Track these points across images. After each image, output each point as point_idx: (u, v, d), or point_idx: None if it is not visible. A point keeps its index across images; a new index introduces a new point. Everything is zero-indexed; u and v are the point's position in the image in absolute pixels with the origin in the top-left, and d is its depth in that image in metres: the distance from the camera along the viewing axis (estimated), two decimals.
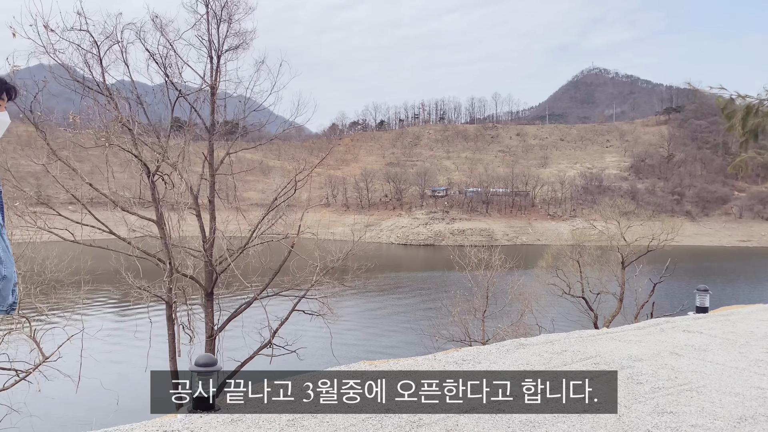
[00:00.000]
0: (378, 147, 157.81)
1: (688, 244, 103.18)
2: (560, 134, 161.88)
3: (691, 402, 4.26)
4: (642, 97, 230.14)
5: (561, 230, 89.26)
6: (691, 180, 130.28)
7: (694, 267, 73.31)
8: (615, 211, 39.61)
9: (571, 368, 5.08)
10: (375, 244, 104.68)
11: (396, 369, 5.04)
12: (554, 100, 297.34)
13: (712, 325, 7.01)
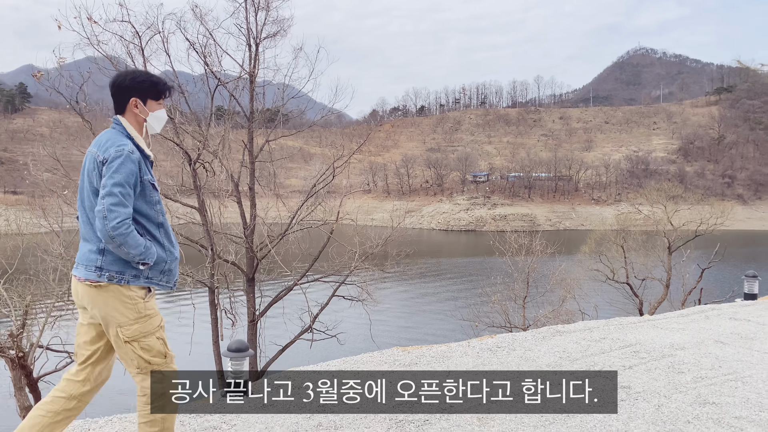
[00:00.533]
0: (418, 133, 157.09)
1: (739, 228, 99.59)
2: (605, 117, 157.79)
3: (735, 392, 4.11)
4: (691, 78, 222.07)
5: (605, 215, 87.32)
6: (742, 162, 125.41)
7: (746, 252, 70.78)
8: (661, 194, 38.47)
9: (609, 356, 4.97)
10: (416, 230, 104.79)
11: (428, 355, 5.02)
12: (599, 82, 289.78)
13: (760, 312, 6.74)
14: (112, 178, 2.70)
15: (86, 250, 2.83)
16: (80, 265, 2.84)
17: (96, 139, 2.91)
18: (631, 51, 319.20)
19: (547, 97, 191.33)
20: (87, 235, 2.86)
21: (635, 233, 34.55)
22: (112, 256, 2.77)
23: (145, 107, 2.96)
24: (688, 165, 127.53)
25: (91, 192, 2.83)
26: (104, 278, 2.76)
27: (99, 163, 2.78)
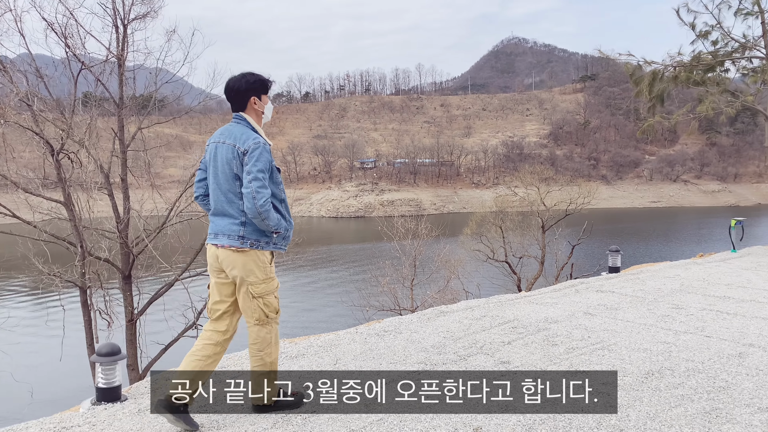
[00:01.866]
0: (304, 119, 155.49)
1: (604, 206, 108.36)
2: (482, 104, 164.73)
3: (602, 360, 4.41)
4: (559, 66, 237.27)
5: (485, 198, 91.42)
6: (605, 145, 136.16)
7: (610, 228, 77.18)
8: (535, 177, 40.84)
9: (490, 333, 5.15)
10: (305, 218, 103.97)
11: (316, 344, 4.95)
12: (476, 70, 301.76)
13: (623, 284, 7.31)
14: (255, 165, 3.32)
15: (227, 223, 3.43)
16: (221, 235, 3.43)
17: (226, 133, 3.50)
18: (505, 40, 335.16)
19: (428, 84, 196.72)
20: (226, 211, 3.44)
21: (512, 214, 36.47)
22: (252, 227, 3.39)
23: (261, 102, 3.65)
24: (558, 149, 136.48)
25: (230, 177, 3.40)
26: (246, 245, 3.38)
27: (240, 153, 3.37)
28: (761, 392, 3.70)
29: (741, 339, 4.88)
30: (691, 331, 5.13)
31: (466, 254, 34.83)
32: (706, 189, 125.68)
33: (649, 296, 6.58)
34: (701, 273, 8.01)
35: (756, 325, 5.32)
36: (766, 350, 4.57)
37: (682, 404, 3.55)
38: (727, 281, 7.40)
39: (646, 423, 3.30)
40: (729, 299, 6.38)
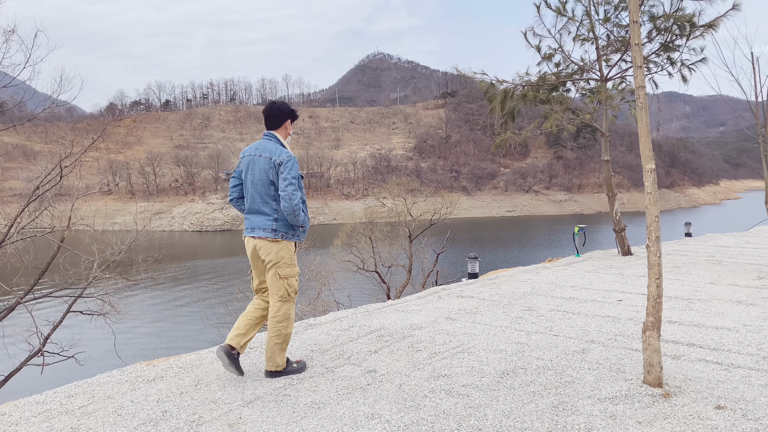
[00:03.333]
0: (165, 129, 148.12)
1: (466, 216, 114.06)
2: (350, 117, 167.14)
3: (462, 363, 4.60)
4: (422, 82, 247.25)
5: (355, 209, 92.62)
6: (465, 158, 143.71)
7: (471, 236, 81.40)
8: (402, 188, 42.01)
9: (357, 343, 5.19)
10: (166, 233, 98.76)
11: (176, 366, 4.69)
12: (344, 83, 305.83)
13: (481, 289, 7.72)
14: (290, 173, 4.21)
15: (262, 219, 4.33)
16: (258, 229, 4.33)
17: (261, 148, 4.38)
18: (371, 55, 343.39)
19: (296, 96, 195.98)
20: (261, 210, 4.33)
21: (381, 225, 37.23)
22: (283, 223, 4.31)
23: (291, 126, 4.57)
24: (423, 161, 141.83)
25: (267, 183, 4.29)
26: (279, 236, 4.30)
27: (276, 164, 4.26)
28: (600, 384, 4.06)
29: (584, 336, 5.33)
30: (542, 331, 5.52)
31: (337, 265, 34.96)
32: (555, 199, 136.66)
33: (504, 300, 7.00)
34: (550, 276, 8.67)
35: (596, 323, 5.84)
36: (605, 345, 5.02)
37: (534, 400, 3.80)
38: (572, 283, 8.07)
39: (501, 421, 3.49)
40: (574, 300, 6.96)
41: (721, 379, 4.10)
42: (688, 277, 8.46)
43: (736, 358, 4.57)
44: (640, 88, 3.95)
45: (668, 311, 6.20)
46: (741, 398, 3.74)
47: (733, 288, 7.53)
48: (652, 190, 4.00)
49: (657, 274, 3.97)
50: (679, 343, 5.05)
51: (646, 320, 4.00)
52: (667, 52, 9.41)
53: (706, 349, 4.85)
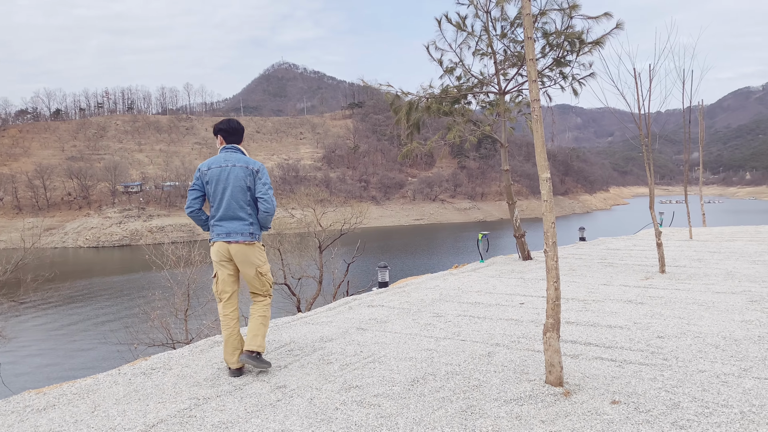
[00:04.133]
0: (55, 139, 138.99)
1: (375, 225, 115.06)
2: (256, 126, 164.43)
3: (373, 373, 4.61)
4: (329, 93, 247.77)
5: None
6: (374, 168, 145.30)
7: (382, 245, 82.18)
8: (311, 199, 41.75)
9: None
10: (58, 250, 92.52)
11: (70, 392, 4.38)
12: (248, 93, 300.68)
13: (391, 297, 7.79)
14: (267, 179, 4.71)
15: (239, 224, 4.64)
16: (235, 234, 4.63)
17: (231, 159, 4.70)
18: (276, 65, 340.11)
19: (198, 105, 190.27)
20: (238, 216, 4.64)
21: (290, 236, 36.76)
22: (257, 226, 4.72)
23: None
24: (331, 171, 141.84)
25: (244, 189, 4.64)
26: (255, 239, 4.69)
27: (254, 171, 4.68)
28: (506, 386, 4.20)
29: (489, 340, 5.50)
30: (450, 337, 5.64)
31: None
32: (460, 207, 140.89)
33: (414, 307, 7.10)
34: (456, 282, 8.90)
35: (501, 326, 6.04)
36: (509, 348, 5.20)
37: (443, 406, 3.86)
38: (477, 288, 8.32)
39: (413, 429, 3.52)
40: (479, 305, 7.17)
41: (616, 375, 4.36)
42: (583, 279, 8.96)
43: (628, 355, 4.88)
44: (535, 101, 4.15)
45: (566, 312, 6.52)
46: (633, 392, 3.98)
47: (623, 288, 8.05)
48: (548, 198, 4.20)
49: (555, 277, 4.17)
50: (577, 342, 5.32)
51: (546, 322, 4.18)
52: (560, 67, 9.99)
53: (602, 347, 5.15)
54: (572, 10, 9.07)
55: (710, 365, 4.52)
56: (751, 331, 5.48)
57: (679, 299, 7.14)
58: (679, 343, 5.18)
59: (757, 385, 4.04)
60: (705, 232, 16.89)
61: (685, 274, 9.11)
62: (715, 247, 12.87)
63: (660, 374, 4.34)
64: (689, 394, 3.90)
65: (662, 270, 9.31)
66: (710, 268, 9.66)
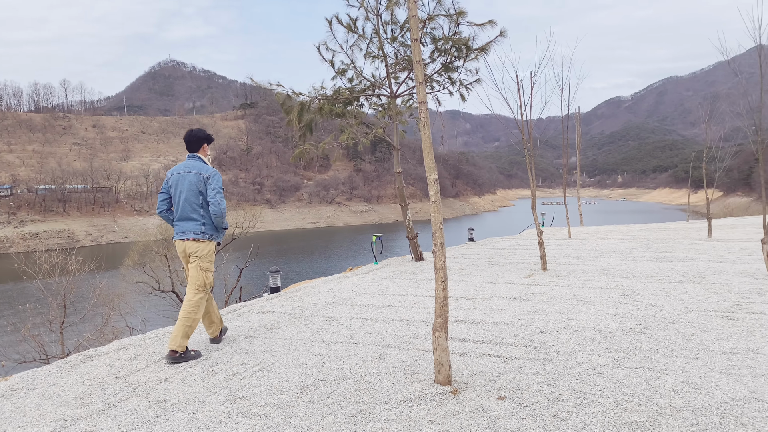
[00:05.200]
0: None
1: (270, 229, 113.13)
2: (141, 126, 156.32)
3: (261, 382, 4.43)
4: (219, 92, 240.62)
5: (150, 225, 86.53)
6: (268, 171, 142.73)
7: (277, 249, 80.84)
8: None
9: (146, 372, 4.74)
10: None
11: None
12: (133, 91, 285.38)
13: (282, 302, 7.59)
14: (217, 184, 5.30)
15: (192, 224, 5.27)
16: (189, 232, 5.27)
17: (189, 166, 5.35)
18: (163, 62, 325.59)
19: (77, 103, 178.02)
20: (191, 217, 5.27)
21: None
22: (209, 226, 5.32)
23: (208, 148, 5.60)
24: (223, 173, 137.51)
25: (196, 194, 5.27)
26: (206, 237, 5.30)
27: (205, 177, 5.29)
28: (396, 388, 4.18)
29: (381, 341, 5.48)
30: (342, 341, 5.56)
31: (129, 287, 32.29)
32: (356, 209, 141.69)
33: (306, 312, 6.96)
34: (350, 285, 8.85)
35: (393, 327, 6.05)
36: (400, 349, 5.21)
37: (333, 412, 3.77)
38: (371, 290, 8.32)
39: None
40: (372, 306, 7.16)
41: (501, 371, 4.47)
42: (472, 278, 9.22)
43: (513, 351, 5.03)
44: (423, 103, 4.17)
45: (456, 311, 6.66)
46: (518, 387, 4.10)
47: (509, 286, 8.37)
48: (436, 199, 4.23)
49: (443, 277, 4.21)
50: (465, 340, 5.42)
51: (434, 321, 4.21)
52: (448, 72, 10.24)
53: (489, 344, 5.28)
54: (459, 17, 9.34)
55: (588, 357, 4.76)
56: (623, 324, 5.86)
57: (560, 295, 7.52)
58: (560, 337, 5.42)
59: (629, 374, 4.30)
60: (582, 231, 18.05)
61: (564, 271, 9.63)
62: (591, 245, 13.75)
63: (542, 368, 4.50)
64: (569, 387, 4.07)
65: (544, 268, 9.79)
66: (587, 265, 10.29)
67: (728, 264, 9.72)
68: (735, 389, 3.92)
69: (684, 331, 5.48)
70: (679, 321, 5.88)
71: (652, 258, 10.87)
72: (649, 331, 5.52)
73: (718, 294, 7.18)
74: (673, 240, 14.07)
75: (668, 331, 5.51)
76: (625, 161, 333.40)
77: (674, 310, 6.41)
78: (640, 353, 4.83)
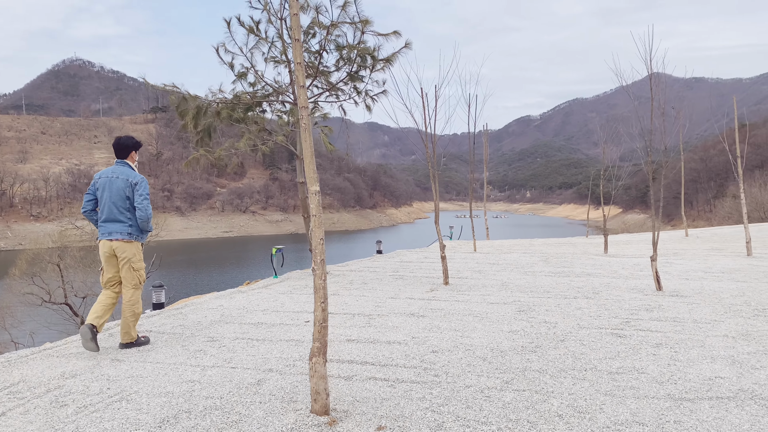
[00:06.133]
0: None
1: (180, 237, 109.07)
2: (41, 127, 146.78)
3: (116, 415, 3.92)
4: (129, 95, 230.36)
5: (47, 231, 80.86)
6: (179, 177, 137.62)
7: (187, 259, 77.78)
8: None
9: None
10: None
11: None
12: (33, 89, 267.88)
13: (163, 320, 7.00)
14: (144, 190, 5.71)
15: (119, 226, 5.65)
16: (115, 233, 5.65)
17: (117, 171, 5.75)
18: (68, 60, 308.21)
19: None
20: (118, 219, 5.65)
21: (75, 249, 32.98)
22: (135, 228, 5.72)
23: (137, 155, 6.04)
24: None
25: (123, 198, 5.66)
26: (132, 238, 5.70)
27: (132, 183, 5.69)
28: (269, 419, 3.80)
29: (263, 365, 5.07)
30: (219, 364, 5.10)
31: (17, 299, 29.83)
32: (271, 219, 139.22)
33: (187, 331, 6.42)
34: (243, 301, 8.35)
35: (279, 348, 5.66)
36: (282, 373, 4.83)
37: None
38: (264, 307, 7.87)
39: None
40: (262, 325, 6.72)
41: (386, 397, 4.19)
42: (373, 293, 8.97)
43: (401, 373, 4.78)
44: (303, 109, 3.85)
45: (350, 329, 6.36)
46: (401, 415, 3.83)
47: (409, 301, 8.17)
48: (317, 212, 3.92)
49: (322, 297, 3.89)
50: (354, 362, 5.12)
51: (312, 346, 3.88)
52: (354, 82, 10.00)
53: (378, 365, 5.00)
54: (364, 26, 9.13)
55: (476, 379, 4.58)
56: (516, 342, 5.76)
57: (458, 311, 7.39)
58: (451, 357, 5.23)
59: (516, 398, 4.14)
60: (488, 244, 18.32)
61: (466, 285, 9.57)
62: (494, 258, 13.90)
63: (429, 392, 4.27)
64: (453, 413, 3.85)
65: (446, 282, 9.70)
66: (488, 279, 10.30)
67: (621, 280, 10.01)
68: (618, 412, 3.84)
69: (574, 349, 5.44)
70: (571, 339, 5.86)
71: (551, 273, 11.06)
72: (540, 350, 5.44)
73: (609, 310, 7.29)
74: (572, 255, 14.48)
75: (559, 349, 5.46)
76: (534, 177, 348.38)
77: (567, 327, 6.41)
78: (529, 374, 4.71)
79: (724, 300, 7.88)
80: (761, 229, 23.82)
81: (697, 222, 76.64)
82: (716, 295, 8.24)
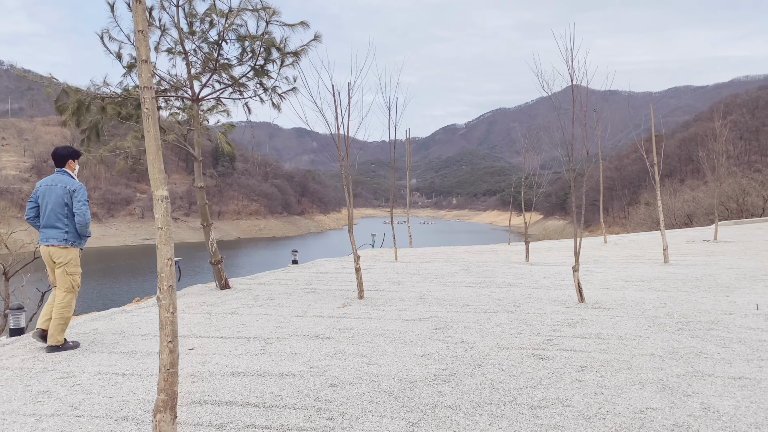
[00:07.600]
0: None
1: (96, 245, 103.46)
2: None
3: None
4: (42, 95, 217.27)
5: None
6: (96, 182, 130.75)
7: (102, 268, 73.59)
8: (6, 214, 35.03)
9: None
10: None
11: None
12: None
13: (15, 351, 5.81)
14: (83, 197, 5.97)
15: (56, 232, 5.87)
16: (53, 239, 5.87)
17: (56, 180, 6.00)
18: None
19: None
20: (55, 225, 5.87)
21: None
22: (73, 234, 5.92)
23: (75, 163, 6.29)
24: None
25: (62, 205, 5.89)
26: (68, 244, 5.88)
27: (71, 191, 5.92)
28: None
29: (119, 410, 4.11)
30: (62, 412, 4.10)
31: None
32: (195, 226, 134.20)
33: (39, 365, 5.34)
34: (125, 323, 7.27)
35: (146, 386, 4.69)
36: (138, 422, 3.89)
37: None
38: (146, 330, 6.83)
39: None
40: (136, 355, 5.72)
41: None
42: (278, 310, 8.09)
43: (289, 416, 3.96)
44: (146, 89, 2.99)
45: (239, 358, 5.48)
46: None
47: (316, 320, 7.35)
48: (164, 225, 3.05)
49: (169, 335, 3.03)
50: (233, 403, 4.25)
51: (157, 399, 3.01)
52: (259, 77, 9.12)
53: (261, 407, 4.16)
54: (270, 15, 8.27)
55: (377, 422, 3.83)
56: (428, 369, 5.07)
57: (369, 330, 6.64)
58: (352, 392, 4.46)
59: None
60: (410, 253, 17.74)
61: (382, 299, 8.86)
62: (415, 268, 13.29)
63: None
64: None
65: (360, 296, 8.95)
66: (406, 291, 9.63)
67: (543, 290, 9.58)
68: None
69: (492, 377, 4.80)
70: (489, 363, 5.23)
71: (472, 283, 10.53)
72: (454, 378, 4.76)
73: (530, 326, 6.74)
74: (494, 263, 14.09)
75: (475, 377, 4.80)
76: (459, 184, 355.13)
77: (485, 347, 5.79)
78: (440, 411, 4.01)
79: (647, 312, 7.53)
80: (674, 235, 24.57)
81: (613, 228, 79.73)
82: (639, 307, 7.90)
